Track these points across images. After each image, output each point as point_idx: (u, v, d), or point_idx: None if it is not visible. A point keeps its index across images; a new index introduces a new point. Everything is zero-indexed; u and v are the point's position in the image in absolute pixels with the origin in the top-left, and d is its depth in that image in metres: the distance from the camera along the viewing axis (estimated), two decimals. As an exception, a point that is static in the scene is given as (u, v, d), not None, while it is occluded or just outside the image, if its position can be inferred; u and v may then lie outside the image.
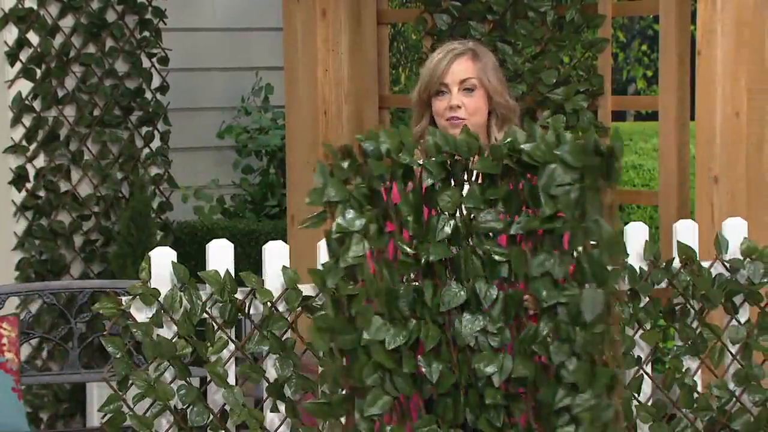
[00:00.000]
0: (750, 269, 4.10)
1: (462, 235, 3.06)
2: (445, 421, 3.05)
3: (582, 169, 3.01)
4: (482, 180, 3.08)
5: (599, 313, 3.02)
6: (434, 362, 3.04)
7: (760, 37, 4.73)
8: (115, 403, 3.54)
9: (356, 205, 3.04)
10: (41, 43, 6.09)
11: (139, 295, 3.56)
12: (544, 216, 3.01)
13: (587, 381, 3.00)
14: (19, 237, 6.11)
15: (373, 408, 3.03)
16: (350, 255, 3.01)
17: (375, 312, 3.04)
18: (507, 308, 3.06)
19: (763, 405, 4.09)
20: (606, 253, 3.03)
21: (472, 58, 3.51)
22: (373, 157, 3.04)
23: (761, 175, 4.77)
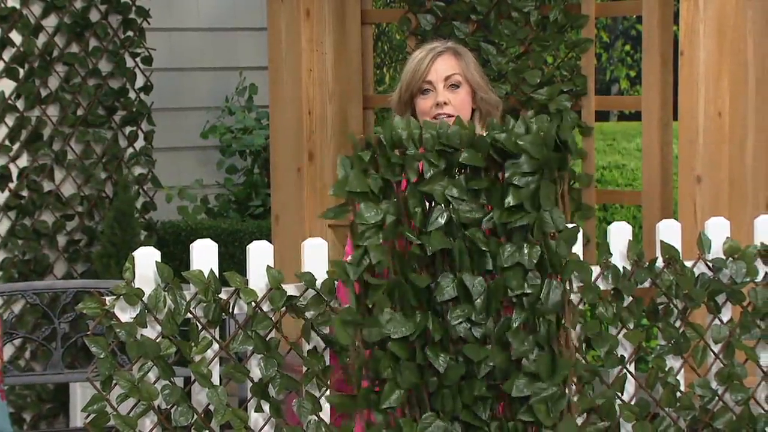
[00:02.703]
0: (732, 269, 4.11)
1: (456, 227, 3.08)
2: (445, 412, 3.08)
3: (542, 161, 3.04)
4: (467, 171, 3.11)
5: (557, 302, 3.04)
6: (441, 354, 3.06)
7: (742, 38, 4.74)
8: (98, 403, 3.54)
9: (373, 196, 3.07)
10: (24, 43, 6.08)
11: (123, 295, 3.56)
12: (509, 207, 3.04)
13: (548, 371, 3.03)
14: (2, 237, 6.10)
15: (389, 401, 3.06)
16: (376, 249, 3.04)
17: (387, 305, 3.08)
18: (489, 299, 3.08)
19: (746, 404, 4.11)
20: (563, 244, 3.06)
21: (454, 55, 3.55)
22: (388, 146, 3.07)
23: (744, 175, 4.78)
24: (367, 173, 3.08)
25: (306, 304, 3.61)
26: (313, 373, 3.58)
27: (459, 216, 3.08)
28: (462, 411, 3.07)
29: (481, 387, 3.06)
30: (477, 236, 3.06)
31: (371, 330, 3.07)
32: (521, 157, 3.05)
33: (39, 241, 6.14)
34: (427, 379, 3.09)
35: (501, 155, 3.08)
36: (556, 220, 3.05)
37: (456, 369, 3.07)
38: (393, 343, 3.07)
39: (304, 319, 3.62)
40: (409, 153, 3.08)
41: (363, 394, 3.11)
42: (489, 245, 3.07)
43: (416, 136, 3.10)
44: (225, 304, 3.63)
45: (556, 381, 3.06)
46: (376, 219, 3.07)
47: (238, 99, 6.98)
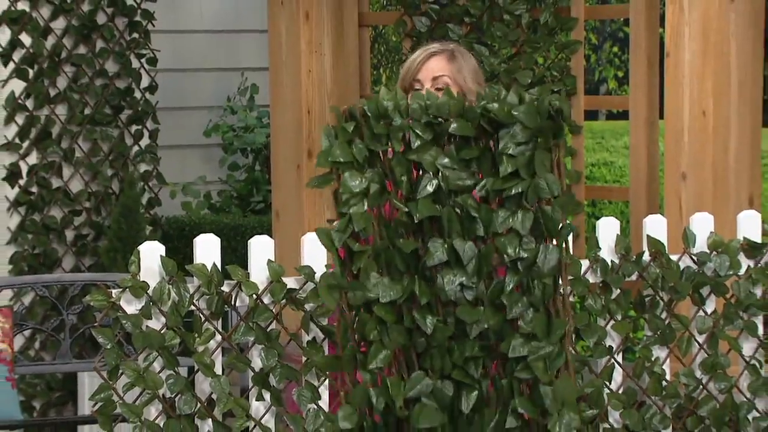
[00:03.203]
0: (716, 262, 4.11)
1: (444, 194, 3.07)
2: (434, 371, 3.06)
3: (535, 130, 3.02)
4: (458, 140, 3.09)
5: (553, 265, 3.03)
6: (428, 316, 3.05)
7: (726, 41, 4.74)
8: (105, 392, 3.53)
9: (357, 165, 3.05)
10: (34, 44, 6.07)
11: (128, 288, 3.55)
12: (504, 175, 3.03)
13: (544, 331, 3.03)
14: (12, 232, 6.09)
15: (375, 361, 3.05)
16: (359, 216, 3.02)
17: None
18: (480, 264, 3.07)
19: (729, 392, 4.11)
20: (558, 209, 3.05)
21: (448, 58, 3.53)
22: (372, 118, 3.05)
23: (727, 172, 4.78)
24: (352, 143, 3.06)
25: (305, 297, 3.60)
26: (312, 363, 3.57)
27: (448, 183, 3.06)
28: (453, 370, 3.05)
29: (473, 347, 3.05)
30: (468, 203, 3.05)
31: (356, 293, 3.05)
32: (515, 127, 3.03)
33: (48, 235, 6.13)
34: (415, 341, 3.07)
35: (492, 125, 3.06)
36: (551, 186, 3.04)
37: (444, 330, 3.05)
38: (379, 306, 3.06)
39: (304, 311, 3.61)
40: (395, 123, 3.06)
41: (349, 355, 3.10)
42: (480, 212, 3.05)
43: (402, 106, 3.08)
44: (227, 297, 3.63)
45: (552, 340, 3.05)
46: (361, 187, 3.06)
47: (240, 99, 6.97)
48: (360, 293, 3.05)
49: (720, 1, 4.72)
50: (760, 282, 4.17)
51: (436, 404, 3.03)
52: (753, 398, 4.15)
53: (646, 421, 4.02)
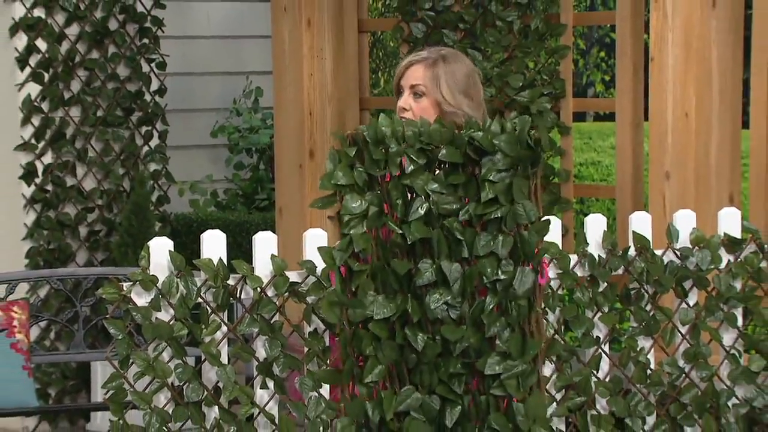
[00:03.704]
0: (698, 257, 4.12)
1: (434, 217, 3.08)
2: (423, 386, 3.07)
3: (514, 158, 3.03)
4: (447, 167, 3.10)
5: (528, 288, 3.03)
6: (419, 333, 3.06)
7: (707, 46, 4.74)
8: (117, 381, 3.53)
9: (358, 189, 3.06)
10: (49, 50, 6.07)
11: (139, 281, 3.55)
12: (485, 200, 3.03)
13: (518, 350, 3.03)
14: (28, 228, 6.09)
15: (371, 375, 3.05)
16: (359, 237, 3.04)
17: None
18: (465, 284, 3.08)
19: (710, 380, 4.11)
20: (535, 234, 3.06)
21: (429, 66, 3.41)
22: (371, 144, 3.07)
23: (708, 171, 4.78)
24: (353, 167, 3.07)
25: (307, 290, 3.60)
26: (313, 353, 3.57)
27: (438, 207, 3.08)
28: (438, 386, 3.07)
29: (456, 364, 3.07)
30: (454, 226, 3.06)
31: (355, 311, 3.07)
32: (497, 155, 3.05)
33: (62, 231, 6.13)
34: (406, 356, 3.09)
35: (477, 152, 3.07)
36: (528, 213, 3.06)
37: (433, 347, 3.07)
38: (374, 323, 3.08)
39: (306, 303, 3.61)
40: (392, 150, 3.07)
41: (347, 369, 3.11)
42: (465, 235, 3.07)
43: (399, 133, 3.09)
44: (233, 290, 3.63)
45: (526, 359, 3.06)
46: (361, 209, 3.07)
47: (245, 101, 6.97)
48: (359, 310, 3.07)
49: (702, 9, 4.72)
50: (739, 276, 4.17)
51: (423, 418, 3.05)
52: (733, 386, 4.15)
53: (631, 407, 4.02)
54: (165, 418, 3.53)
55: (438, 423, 3.09)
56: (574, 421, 3.98)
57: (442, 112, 3.39)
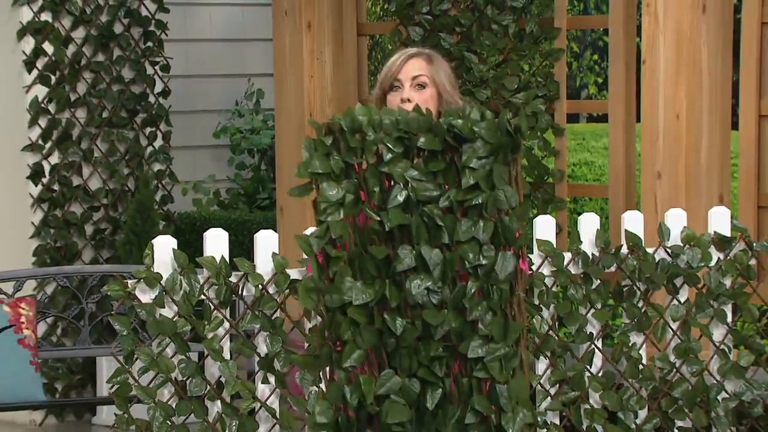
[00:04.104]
0: (689, 254, 4.11)
1: (413, 204, 3.06)
2: (402, 370, 3.06)
3: (495, 145, 3.02)
4: (426, 154, 3.07)
5: (510, 272, 3.01)
6: (398, 318, 3.04)
7: (698, 49, 4.74)
8: (122, 375, 3.53)
9: (334, 176, 3.04)
10: (55, 53, 6.07)
11: (143, 279, 3.55)
12: (466, 186, 3.01)
13: (501, 333, 3.02)
14: (36, 226, 6.09)
15: (349, 360, 3.03)
16: (336, 224, 3.02)
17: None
18: (445, 269, 3.06)
19: (700, 375, 4.11)
20: (515, 219, 3.04)
21: (426, 60, 3.47)
22: (348, 132, 3.05)
23: (699, 171, 4.78)
24: (330, 156, 3.05)
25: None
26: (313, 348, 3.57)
27: (417, 194, 3.05)
28: (419, 369, 3.04)
29: (437, 348, 3.05)
30: (434, 212, 3.04)
31: (332, 296, 3.05)
32: (477, 142, 3.02)
33: (69, 230, 6.12)
34: (385, 341, 3.06)
35: (457, 140, 3.05)
36: (509, 198, 3.03)
37: (412, 331, 3.04)
38: (353, 308, 3.05)
39: (306, 300, 3.61)
40: (368, 138, 3.05)
41: (325, 354, 3.09)
42: (445, 221, 3.04)
43: (376, 122, 3.07)
44: (235, 287, 3.62)
45: (509, 342, 3.04)
46: (337, 197, 3.05)
47: (247, 103, 6.97)
48: (336, 296, 3.05)
49: (692, 13, 4.72)
50: (729, 273, 4.17)
51: (404, 401, 3.04)
52: (722, 381, 4.15)
53: (623, 402, 4.01)
54: (169, 412, 3.53)
55: (418, 406, 3.07)
56: (568, 414, 3.98)
57: (442, 102, 3.43)
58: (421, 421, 3.05)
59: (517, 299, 3.08)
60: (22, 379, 4.63)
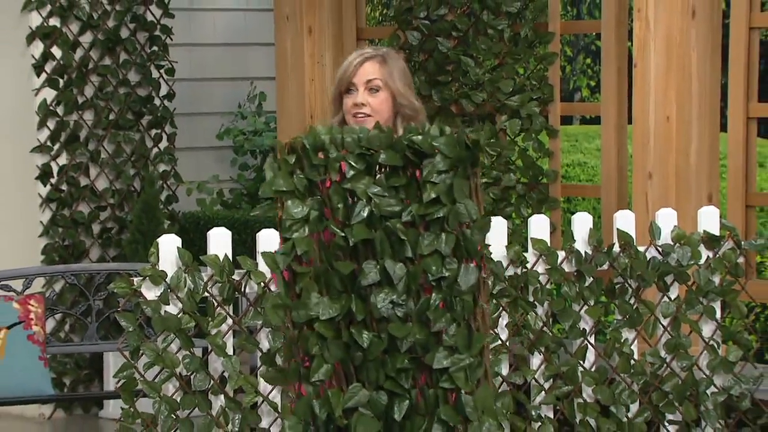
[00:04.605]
0: (679, 253, 4.11)
1: (376, 219, 3.04)
2: (370, 383, 3.05)
3: (454, 159, 3.00)
4: (388, 170, 3.05)
5: (473, 284, 3.01)
6: (364, 332, 3.03)
7: (687, 54, 4.74)
8: (128, 370, 3.53)
9: (299, 194, 3.03)
10: (63, 57, 6.06)
11: (149, 276, 3.55)
12: (427, 201, 3.00)
13: (465, 344, 3.01)
14: (44, 225, 6.08)
15: (318, 374, 3.03)
16: (301, 241, 3.01)
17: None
18: (409, 283, 3.04)
19: (690, 370, 4.11)
20: (477, 232, 3.02)
21: (380, 62, 3.41)
22: (311, 150, 3.03)
23: (689, 172, 4.78)
24: (293, 174, 3.04)
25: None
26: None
27: (380, 209, 3.03)
28: (386, 381, 3.02)
29: (403, 360, 3.02)
30: (397, 227, 3.02)
31: (299, 312, 3.03)
32: (437, 157, 3.01)
33: (76, 229, 6.12)
34: (352, 355, 3.04)
35: (417, 155, 3.03)
36: (470, 211, 3.00)
37: (378, 344, 3.02)
38: (320, 323, 3.03)
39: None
40: (331, 155, 3.04)
41: (293, 369, 3.08)
42: (408, 235, 3.02)
43: (338, 140, 3.06)
44: (238, 284, 3.62)
45: (473, 352, 3.02)
46: (302, 214, 3.03)
47: (250, 105, 6.96)
48: (303, 312, 3.03)
49: (682, 19, 4.72)
50: (718, 271, 4.16)
51: (372, 413, 3.02)
52: (711, 375, 4.15)
53: (616, 396, 4.01)
54: (173, 406, 3.53)
55: (386, 418, 3.05)
56: (562, 408, 3.98)
57: (396, 104, 3.38)
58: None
59: (480, 310, 3.06)
60: (32, 374, 4.63)
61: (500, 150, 5.26)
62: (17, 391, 4.62)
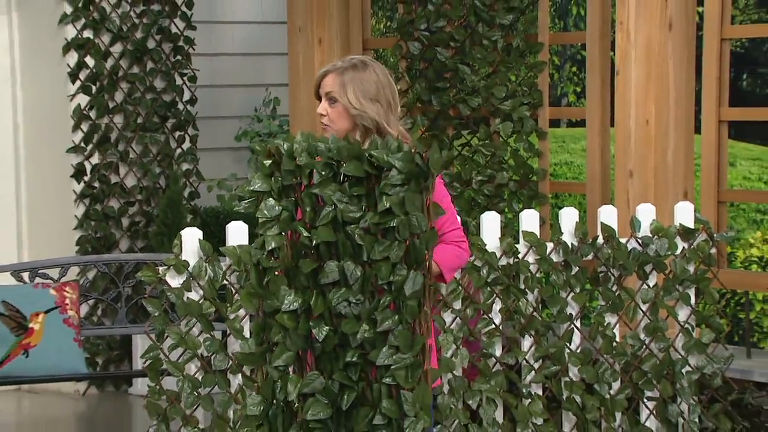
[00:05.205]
0: (657, 244, 4.10)
1: (339, 223, 3.02)
2: (325, 372, 3.04)
3: (408, 174, 2.98)
4: (351, 179, 3.03)
5: (417, 290, 2.99)
6: (322, 326, 3.02)
7: (665, 63, 4.73)
8: (154, 352, 3.52)
9: (275, 195, 3.02)
10: (96, 66, 6.05)
11: (173, 266, 3.54)
12: (381, 210, 2.97)
13: (407, 344, 2.99)
14: (78, 219, 6.08)
15: (279, 360, 3.02)
16: (272, 238, 3.00)
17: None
18: (364, 284, 3.02)
19: (667, 351, 4.10)
20: (424, 243, 2.99)
21: (339, 74, 3.26)
22: (286, 156, 3.03)
23: (666, 170, 4.77)
24: (272, 176, 3.04)
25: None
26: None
27: (342, 215, 3.01)
28: (337, 373, 3.01)
29: (353, 354, 3.01)
30: (356, 232, 3.00)
31: (267, 302, 3.03)
32: (392, 171, 2.98)
33: (107, 222, 6.11)
34: (313, 345, 3.03)
35: (377, 168, 3.01)
36: (420, 223, 2.98)
37: (332, 338, 3.01)
38: (281, 314, 3.02)
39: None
40: (301, 162, 3.01)
41: (260, 353, 3.07)
42: (365, 240, 2.99)
43: (312, 148, 3.04)
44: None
45: (414, 352, 2.99)
46: (274, 213, 3.02)
47: (265, 109, 6.95)
48: (270, 302, 3.02)
49: (660, 31, 4.71)
50: (692, 260, 4.16)
51: (325, 400, 3.01)
52: (686, 356, 4.14)
53: (599, 375, 4.00)
54: (195, 384, 3.52)
55: (338, 407, 3.04)
56: (550, 386, 3.97)
57: (351, 115, 3.25)
58: (338, 419, 3.03)
59: (424, 315, 3.02)
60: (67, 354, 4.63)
61: (494, 150, 5.24)
62: (54, 370, 4.62)
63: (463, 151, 5.33)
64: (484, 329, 3.86)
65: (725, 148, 4.81)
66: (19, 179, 6.18)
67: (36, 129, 6.16)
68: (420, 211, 2.98)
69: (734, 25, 4.84)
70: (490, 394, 3.82)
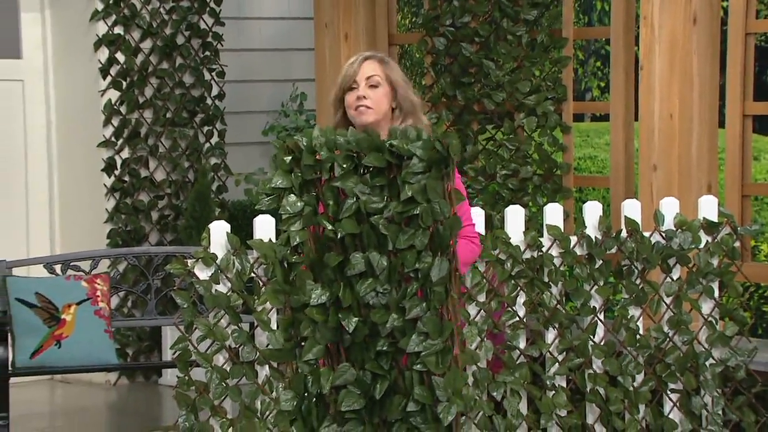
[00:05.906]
0: (681, 238, 4.08)
1: (363, 215, 3.01)
2: (356, 363, 3.04)
3: (429, 162, 2.97)
4: (372, 170, 3.03)
5: (443, 276, 2.97)
6: (351, 317, 3.02)
7: (689, 57, 4.69)
8: (183, 343, 3.53)
9: (296, 191, 3.01)
10: (126, 61, 6.08)
11: (201, 259, 3.55)
12: (404, 199, 2.96)
13: (436, 331, 2.98)
14: (109, 212, 6.11)
15: (309, 354, 3.02)
16: (296, 233, 3.00)
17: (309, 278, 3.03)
18: (390, 273, 3.01)
19: (690, 344, 4.08)
20: (448, 229, 2.98)
21: (379, 62, 3.42)
22: (306, 151, 3.02)
23: (690, 164, 4.74)
24: (292, 172, 3.03)
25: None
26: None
27: (365, 206, 3.00)
28: (369, 363, 3.01)
29: (384, 344, 3.00)
30: (380, 222, 2.99)
31: (294, 297, 3.02)
32: (413, 159, 2.98)
33: (137, 215, 6.14)
34: (342, 337, 3.03)
35: (398, 157, 3.00)
36: (442, 209, 2.97)
37: (362, 329, 3.00)
38: (311, 308, 3.02)
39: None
40: (322, 157, 3.01)
41: (288, 348, 3.07)
42: (389, 230, 2.99)
43: (331, 142, 3.04)
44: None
45: (443, 338, 2.98)
46: (297, 209, 3.01)
47: (292, 104, 6.96)
48: (297, 297, 3.02)
49: (684, 25, 4.67)
50: (716, 254, 4.13)
51: (358, 390, 3.00)
52: (710, 348, 4.11)
53: (623, 367, 3.99)
54: (223, 375, 3.53)
55: (370, 397, 3.03)
56: (574, 379, 3.96)
57: (399, 98, 3.38)
58: (371, 408, 3.03)
59: (452, 300, 3.02)
60: (98, 345, 4.65)
61: (518, 144, 5.23)
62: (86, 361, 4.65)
63: (487, 145, 5.31)
64: (508, 322, 3.85)
65: (749, 142, 4.77)
66: (52, 174, 6.22)
67: (68, 124, 6.19)
68: (442, 198, 2.97)
69: (759, 19, 4.80)
70: (514, 386, 3.81)
